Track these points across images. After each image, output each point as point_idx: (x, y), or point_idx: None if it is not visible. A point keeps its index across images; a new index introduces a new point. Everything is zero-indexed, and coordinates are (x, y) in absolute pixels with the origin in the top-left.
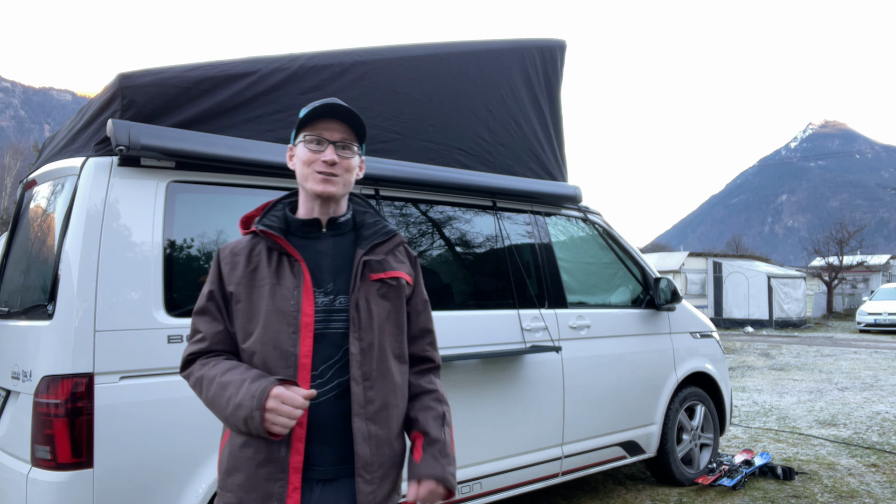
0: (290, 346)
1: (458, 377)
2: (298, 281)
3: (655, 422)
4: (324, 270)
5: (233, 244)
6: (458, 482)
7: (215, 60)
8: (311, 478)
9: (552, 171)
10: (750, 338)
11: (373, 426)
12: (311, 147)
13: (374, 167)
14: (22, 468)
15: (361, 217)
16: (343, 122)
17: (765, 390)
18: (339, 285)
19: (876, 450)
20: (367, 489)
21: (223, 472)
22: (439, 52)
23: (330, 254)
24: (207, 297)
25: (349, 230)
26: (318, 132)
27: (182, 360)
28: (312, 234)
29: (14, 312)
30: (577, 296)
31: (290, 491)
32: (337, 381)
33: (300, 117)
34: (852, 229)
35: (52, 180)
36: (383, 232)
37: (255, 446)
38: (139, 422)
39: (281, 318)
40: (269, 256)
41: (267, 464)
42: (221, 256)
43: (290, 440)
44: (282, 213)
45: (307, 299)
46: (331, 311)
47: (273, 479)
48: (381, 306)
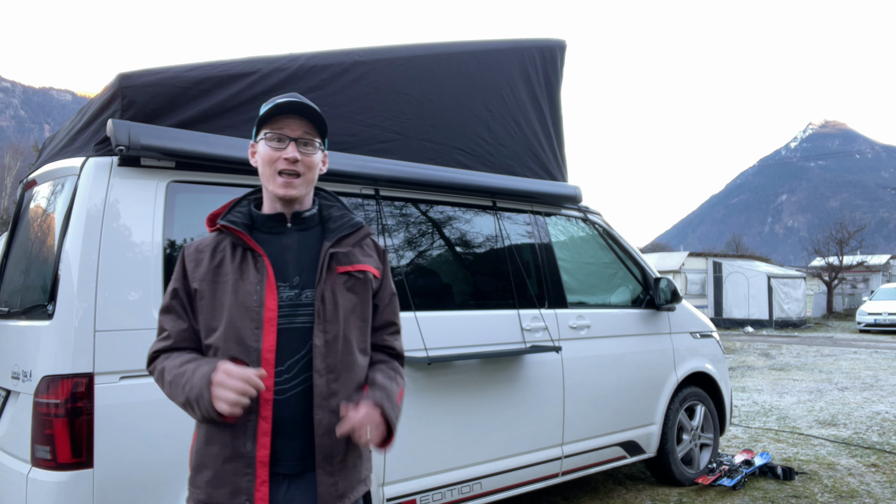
0: (253, 341)
1: (458, 377)
2: (262, 276)
3: (655, 422)
4: (289, 265)
5: (198, 241)
6: (458, 482)
7: (215, 60)
8: (278, 472)
9: (552, 170)
10: (750, 338)
11: (335, 419)
12: (272, 145)
13: (374, 167)
14: (22, 468)
15: (328, 211)
16: (304, 118)
17: (765, 390)
18: (306, 279)
19: (876, 450)
20: (328, 481)
21: (192, 469)
22: (439, 52)
23: (295, 248)
24: (172, 294)
25: (315, 224)
26: (279, 129)
27: (147, 357)
28: (277, 229)
29: (14, 312)
30: (577, 296)
31: (258, 485)
32: (304, 377)
33: (260, 114)
34: (852, 229)
35: (52, 180)
36: (350, 224)
37: (221, 442)
38: (139, 422)
39: (244, 314)
40: (232, 252)
41: (233, 459)
42: (186, 254)
43: (256, 434)
44: (247, 209)
45: (270, 294)
46: (297, 306)
47: (240, 473)
48: (348, 299)
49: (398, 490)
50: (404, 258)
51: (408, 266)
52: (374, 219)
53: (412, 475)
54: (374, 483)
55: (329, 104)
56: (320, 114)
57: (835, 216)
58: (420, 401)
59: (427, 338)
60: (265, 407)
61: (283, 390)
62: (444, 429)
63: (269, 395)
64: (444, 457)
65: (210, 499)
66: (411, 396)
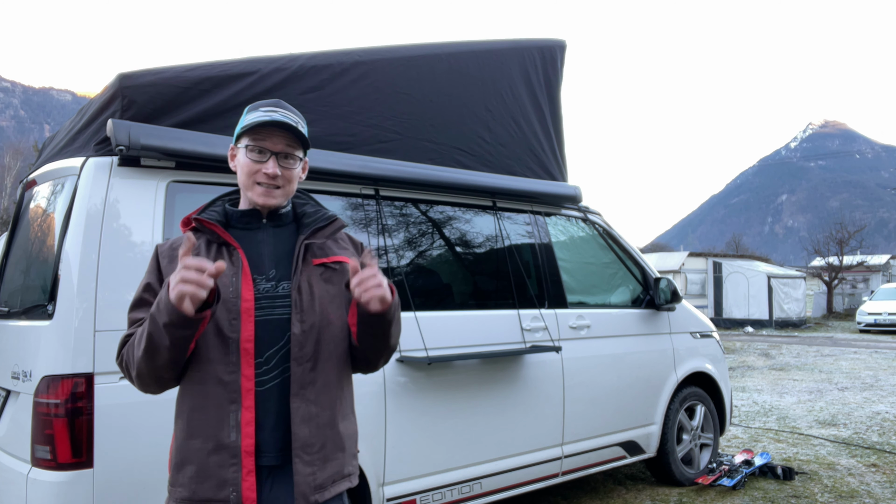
0: (230, 332)
1: (458, 377)
2: (237, 268)
3: (655, 422)
4: (264, 257)
5: (172, 240)
6: (458, 482)
7: (215, 60)
8: (261, 465)
9: (552, 170)
10: (750, 338)
11: (313, 407)
12: (252, 157)
13: (374, 167)
14: (22, 468)
15: (302, 208)
16: (286, 130)
17: (765, 390)
18: (282, 271)
19: (876, 450)
20: (306, 471)
21: (173, 467)
22: (439, 51)
23: (271, 242)
24: (144, 288)
25: (290, 221)
26: (261, 141)
27: (119, 345)
28: (252, 224)
29: (14, 312)
30: (577, 296)
31: (245, 475)
32: (283, 367)
33: (241, 123)
34: (852, 229)
35: (52, 180)
36: (324, 217)
37: (204, 435)
38: (139, 422)
39: (221, 306)
40: (207, 248)
41: (218, 451)
42: (160, 252)
43: (239, 424)
44: (221, 207)
45: (246, 285)
46: (274, 297)
47: (226, 465)
48: (325, 290)
49: (398, 490)
50: (404, 258)
51: (408, 266)
52: (374, 219)
53: (412, 475)
54: (374, 483)
55: (329, 104)
56: (301, 131)
57: (835, 216)
58: (420, 401)
59: (427, 338)
60: (247, 397)
61: (263, 381)
62: (444, 429)
63: (251, 385)
64: (444, 457)
65: (194, 495)
66: (411, 396)
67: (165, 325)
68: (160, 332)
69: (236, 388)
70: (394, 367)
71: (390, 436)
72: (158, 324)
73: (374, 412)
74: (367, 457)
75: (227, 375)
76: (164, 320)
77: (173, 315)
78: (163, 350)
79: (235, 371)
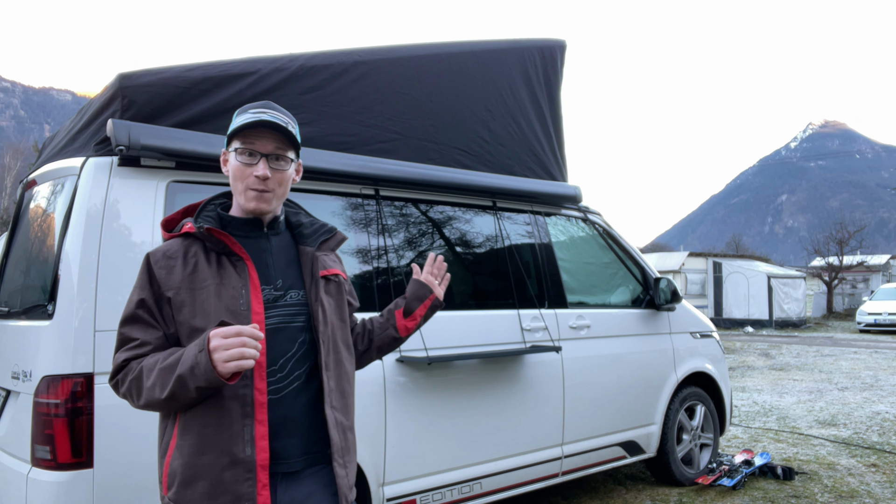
0: None
1: (459, 377)
2: (244, 279)
3: (655, 422)
4: (270, 267)
5: (163, 247)
6: (458, 482)
7: (215, 60)
8: (275, 472)
9: (552, 171)
10: (750, 338)
11: (338, 414)
12: (242, 159)
13: (374, 167)
14: (22, 468)
15: (295, 217)
16: (276, 131)
17: (765, 390)
18: (289, 280)
19: (876, 450)
20: (342, 473)
21: (179, 484)
22: (439, 51)
23: (274, 251)
24: (138, 304)
25: (284, 229)
26: (250, 143)
27: (114, 367)
28: (254, 233)
29: (14, 312)
30: (577, 296)
31: (260, 489)
32: (297, 373)
33: (231, 126)
34: (852, 229)
35: (52, 180)
36: (326, 229)
37: (217, 450)
38: (139, 422)
39: (232, 318)
40: (207, 257)
41: (233, 466)
42: (153, 261)
43: (254, 438)
44: (215, 213)
45: (256, 297)
46: (284, 306)
47: (241, 479)
48: (328, 302)
49: (398, 490)
50: (404, 258)
51: (408, 266)
52: (374, 219)
53: (412, 475)
54: (374, 483)
55: (329, 104)
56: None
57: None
58: (420, 401)
59: (427, 338)
60: (260, 410)
61: (278, 389)
62: (444, 429)
63: (264, 398)
64: (444, 457)
65: None
66: (411, 396)
67: (199, 388)
68: (188, 392)
69: (250, 401)
70: (394, 367)
71: (390, 436)
72: (189, 387)
73: (374, 412)
74: (367, 457)
75: (240, 389)
76: (200, 384)
77: (212, 381)
78: (185, 400)
79: (249, 385)
